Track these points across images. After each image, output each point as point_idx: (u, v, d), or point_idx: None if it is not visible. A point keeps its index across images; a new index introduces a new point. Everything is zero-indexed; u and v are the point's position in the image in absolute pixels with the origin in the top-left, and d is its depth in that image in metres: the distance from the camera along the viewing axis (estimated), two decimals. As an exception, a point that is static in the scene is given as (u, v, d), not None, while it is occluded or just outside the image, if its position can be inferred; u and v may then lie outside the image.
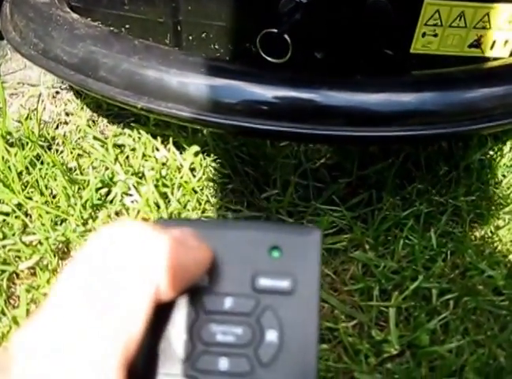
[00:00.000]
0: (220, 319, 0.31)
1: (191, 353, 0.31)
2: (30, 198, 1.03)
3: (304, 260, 0.32)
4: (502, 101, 0.86)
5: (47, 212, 1.00)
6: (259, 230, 0.34)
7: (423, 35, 0.85)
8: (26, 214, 1.02)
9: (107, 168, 1.07)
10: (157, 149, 1.08)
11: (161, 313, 0.30)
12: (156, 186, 1.02)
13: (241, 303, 0.32)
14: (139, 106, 0.86)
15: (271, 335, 0.31)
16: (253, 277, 0.32)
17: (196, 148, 1.06)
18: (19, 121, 1.13)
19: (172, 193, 1.02)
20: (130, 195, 1.03)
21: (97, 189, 1.03)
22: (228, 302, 0.32)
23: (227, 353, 0.31)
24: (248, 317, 0.31)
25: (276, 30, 0.84)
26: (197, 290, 0.32)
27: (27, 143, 1.08)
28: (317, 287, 0.32)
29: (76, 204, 1.00)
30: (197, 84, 0.84)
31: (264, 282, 0.32)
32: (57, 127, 1.16)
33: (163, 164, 1.06)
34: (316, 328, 0.31)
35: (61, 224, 1.00)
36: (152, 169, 1.05)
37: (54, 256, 0.96)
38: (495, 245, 1.00)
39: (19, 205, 1.02)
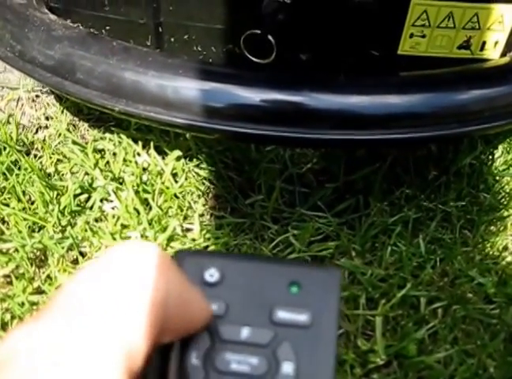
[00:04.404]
0: (235, 348, 0.31)
1: None
2: (7, 205, 1.00)
3: (323, 297, 0.32)
4: (492, 103, 0.84)
5: (24, 219, 0.97)
6: (280, 266, 0.34)
7: (411, 36, 0.83)
8: (2, 221, 0.99)
9: (86, 174, 1.04)
10: (138, 154, 1.05)
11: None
12: (137, 192, 0.99)
13: (258, 334, 0.31)
14: (117, 110, 0.84)
15: (287, 368, 0.30)
16: (271, 309, 0.32)
17: (178, 152, 1.03)
18: (-3, 126, 1.11)
19: (153, 199, 0.99)
20: (110, 201, 1.00)
21: (76, 195, 1.00)
22: (245, 333, 0.31)
23: None
24: (264, 348, 0.31)
25: (259, 31, 0.82)
26: (214, 318, 0.32)
27: (4, 148, 1.06)
28: (335, 323, 0.32)
29: (54, 211, 0.97)
30: (176, 86, 0.81)
31: (282, 315, 0.31)
32: (36, 131, 1.14)
33: (144, 169, 1.03)
34: (333, 363, 0.31)
35: (38, 231, 0.97)
36: (133, 174, 1.02)
37: (31, 264, 0.93)
38: (486, 251, 0.97)
39: (-5, 212, 0.99)
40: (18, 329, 0.26)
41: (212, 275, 0.33)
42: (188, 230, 0.98)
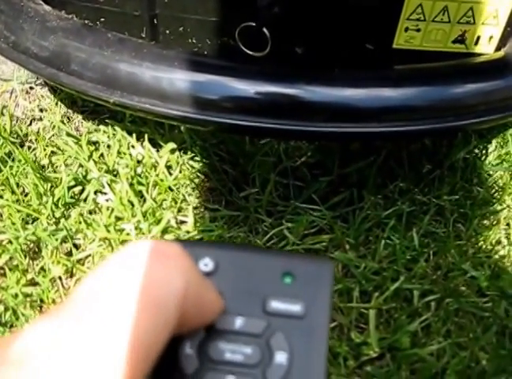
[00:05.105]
0: (229, 338, 0.31)
1: (198, 370, 0.31)
2: (0, 196, 1.00)
3: (316, 288, 0.33)
4: (487, 97, 0.84)
5: (18, 211, 0.97)
6: (273, 256, 0.35)
7: (406, 29, 0.83)
8: (-4, 212, 0.99)
9: (80, 165, 1.04)
10: (132, 146, 1.05)
11: None
12: (131, 184, 0.99)
13: (252, 324, 0.32)
14: (111, 101, 0.84)
15: (280, 357, 0.31)
16: (264, 300, 0.32)
17: (172, 145, 1.03)
18: (-10, 118, 1.11)
19: (147, 192, 0.99)
20: (104, 193, 1.00)
21: (70, 187, 1.00)
22: (239, 322, 0.32)
23: (235, 372, 0.31)
24: (258, 338, 0.31)
25: (254, 23, 0.82)
26: None
27: (-2, 139, 1.05)
28: (327, 314, 0.32)
29: (47, 203, 0.97)
30: (171, 78, 0.81)
31: (275, 305, 0.32)
32: (30, 123, 1.13)
33: (139, 162, 1.03)
34: (325, 352, 0.31)
35: (32, 223, 0.97)
36: (127, 166, 1.02)
37: (25, 256, 0.93)
38: (479, 245, 0.98)
39: (-12, 204, 0.99)
40: (31, 327, 0.26)
41: (206, 264, 0.33)
42: (182, 222, 0.98)
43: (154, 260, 0.28)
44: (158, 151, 1.04)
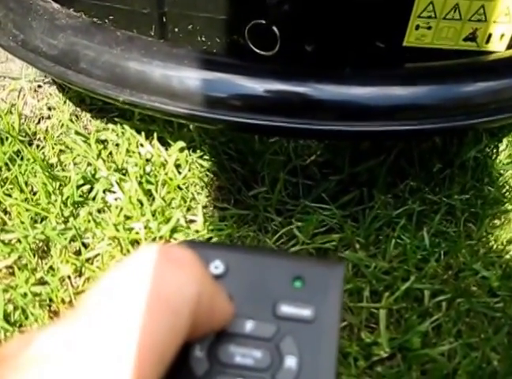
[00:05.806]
0: (239, 341, 0.31)
1: (208, 373, 0.30)
2: (9, 195, 1.00)
3: (326, 292, 0.33)
4: (498, 96, 0.84)
5: (27, 210, 0.97)
6: (284, 260, 0.34)
7: (417, 27, 0.82)
8: (5, 211, 0.99)
9: (89, 164, 1.04)
10: (141, 145, 1.04)
11: None
12: (140, 183, 0.99)
13: (262, 328, 0.31)
14: (121, 100, 0.84)
15: (290, 362, 0.31)
16: (275, 303, 0.32)
17: (181, 143, 1.03)
18: (-1, 116, 1.10)
19: (156, 190, 0.99)
20: (113, 192, 0.99)
21: (79, 186, 1.00)
22: (249, 326, 0.31)
23: (245, 375, 0.30)
24: (268, 341, 0.31)
25: (264, 21, 0.82)
26: None
27: (7, 138, 1.05)
28: (337, 318, 0.32)
29: (56, 201, 0.97)
30: (180, 76, 0.81)
31: (285, 309, 0.32)
32: (38, 122, 1.13)
33: (148, 160, 1.03)
34: (335, 358, 0.31)
35: (41, 222, 0.97)
36: (136, 165, 1.01)
37: (34, 255, 0.93)
38: (490, 245, 0.97)
39: (-3, 202, 0.99)
40: (46, 332, 0.26)
41: (217, 267, 0.33)
42: (191, 221, 0.98)
43: (168, 268, 0.28)
44: (167, 149, 1.04)
